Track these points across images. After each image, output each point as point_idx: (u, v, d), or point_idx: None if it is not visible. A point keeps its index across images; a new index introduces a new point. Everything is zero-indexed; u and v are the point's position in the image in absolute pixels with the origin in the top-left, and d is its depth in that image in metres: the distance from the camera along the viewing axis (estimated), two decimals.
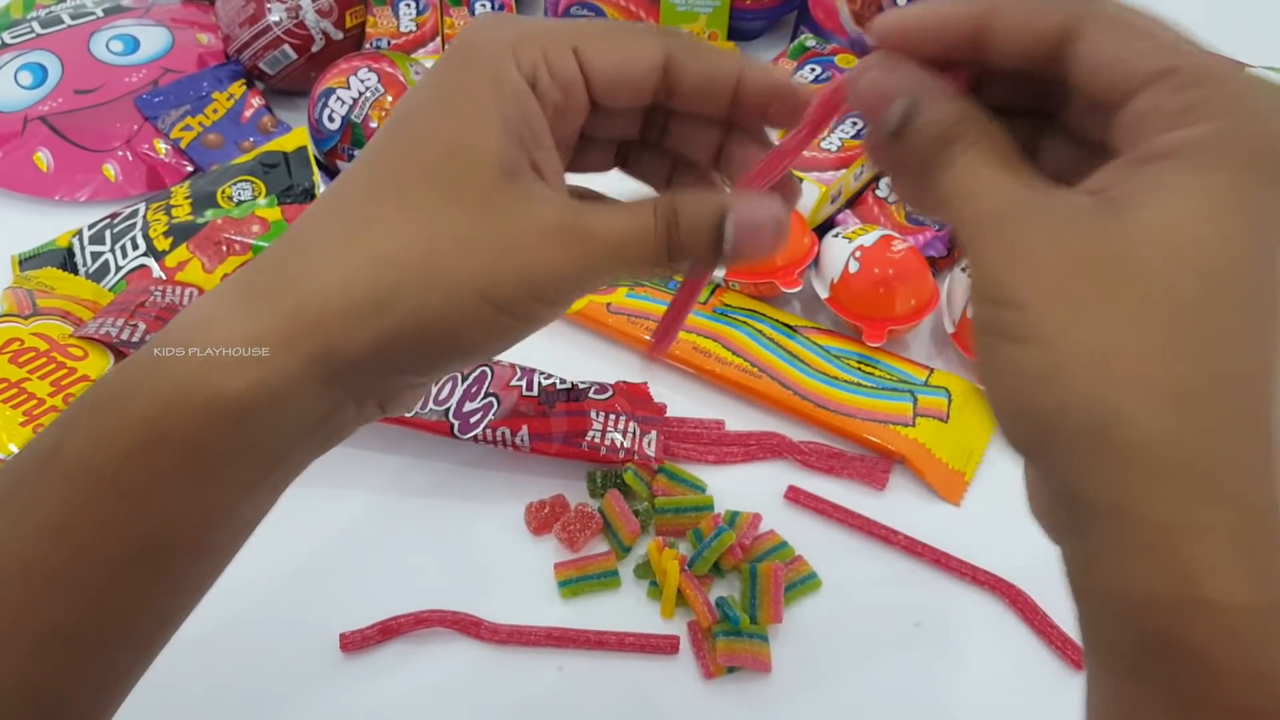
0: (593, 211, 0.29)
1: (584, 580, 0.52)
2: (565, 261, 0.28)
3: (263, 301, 0.27)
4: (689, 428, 0.60)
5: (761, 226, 0.29)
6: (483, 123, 0.27)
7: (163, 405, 0.26)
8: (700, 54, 0.30)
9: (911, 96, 0.27)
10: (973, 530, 0.55)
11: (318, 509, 0.55)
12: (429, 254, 0.27)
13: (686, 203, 0.29)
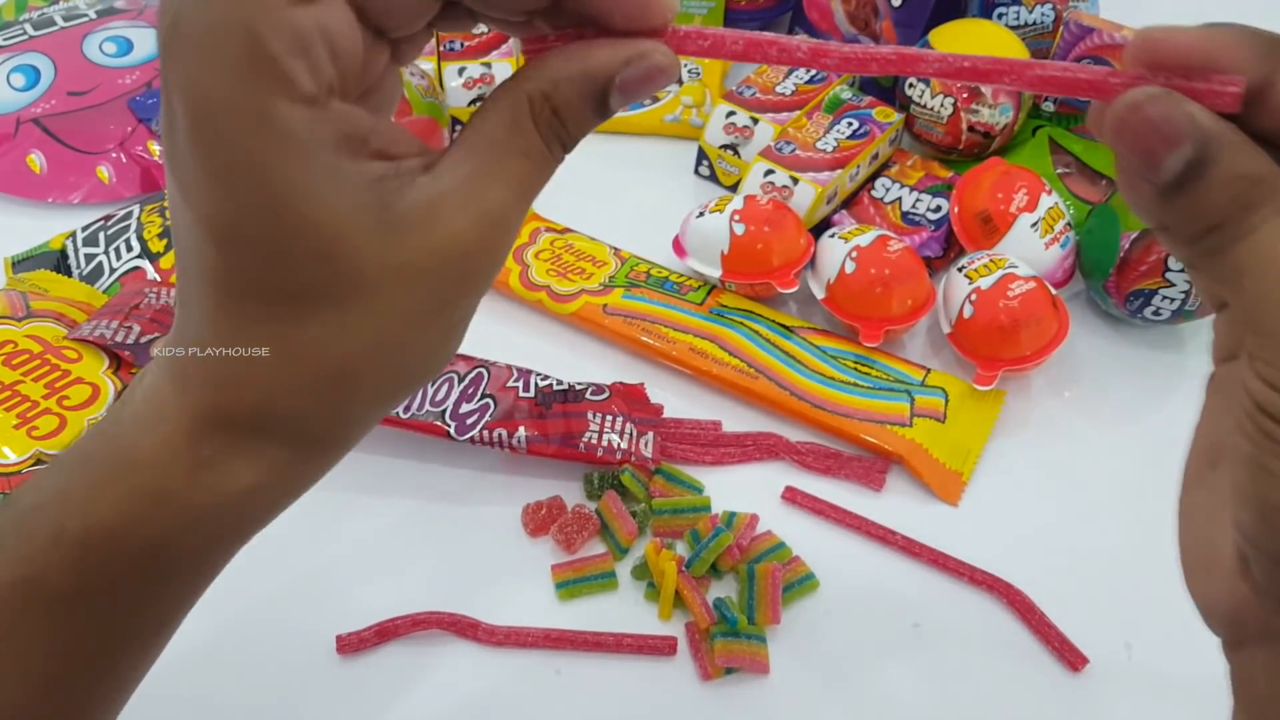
0: (463, 184, 0.24)
1: (581, 582, 0.52)
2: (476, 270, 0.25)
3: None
4: (686, 428, 0.59)
5: (650, 80, 0.26)
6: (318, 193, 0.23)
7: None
8: None
9: (1203, 141, 0.22)
10: (970, 530, 0.55)
11: (313, 511, 0.55)
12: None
13: (562, 91, 0.25)
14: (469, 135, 0.25)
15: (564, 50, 0.25)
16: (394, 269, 0.24)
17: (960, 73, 0.27)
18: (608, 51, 0.25)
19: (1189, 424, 0.61)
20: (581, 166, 0.76)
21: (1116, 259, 0.61)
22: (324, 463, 0.27)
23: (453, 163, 0.25)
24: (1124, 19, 0.74)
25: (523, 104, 0.25)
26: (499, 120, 0.25)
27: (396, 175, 0.24)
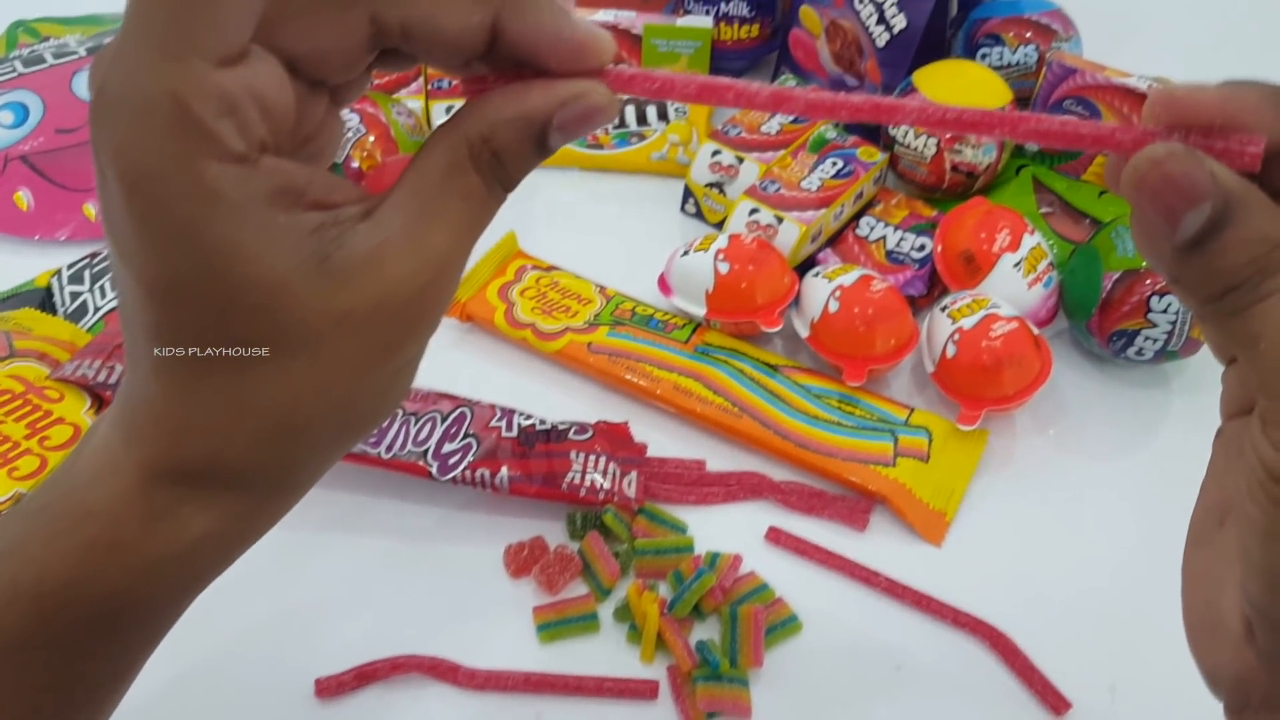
0: (394, 238, 0.24)
1: (563, 624, 0.52)
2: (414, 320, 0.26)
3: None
4: (670, 468, 0.59)
5: (589, 120, 0.26)
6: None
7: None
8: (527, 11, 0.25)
9: (1224, 200, 0.22)
10: (954, 571, 0.55)
11: (293, 551, 0.55)
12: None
13: (501, 134, 0.25)
14: (409, 179, 0.25)
15: (502, 91, 0.26)
16: (336, 318, 0.24)
17: (944, 123, 0.27)
18: (545, 92, 0.25)
19: (1174, 463, 0.61)
20: (568, 204, 0.77)
21: (1099, 299, 0.61)
22: (277, 509, 0.27)
23: (393, 208, 0.25)
24: (1107, 60, 0.75)
25: (461, 147, 0.25)
26: (438, 163, 0.25)
27: (335, 224, 0.24)
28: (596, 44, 0.25)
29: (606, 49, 0.26)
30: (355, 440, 0.27)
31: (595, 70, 0.26)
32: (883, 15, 0.76)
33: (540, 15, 0.25)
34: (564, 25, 0.25)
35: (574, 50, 0.25)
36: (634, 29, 0.82)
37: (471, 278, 0.67)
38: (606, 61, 0.26)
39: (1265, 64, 0.94)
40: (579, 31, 0.25)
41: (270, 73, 0.23)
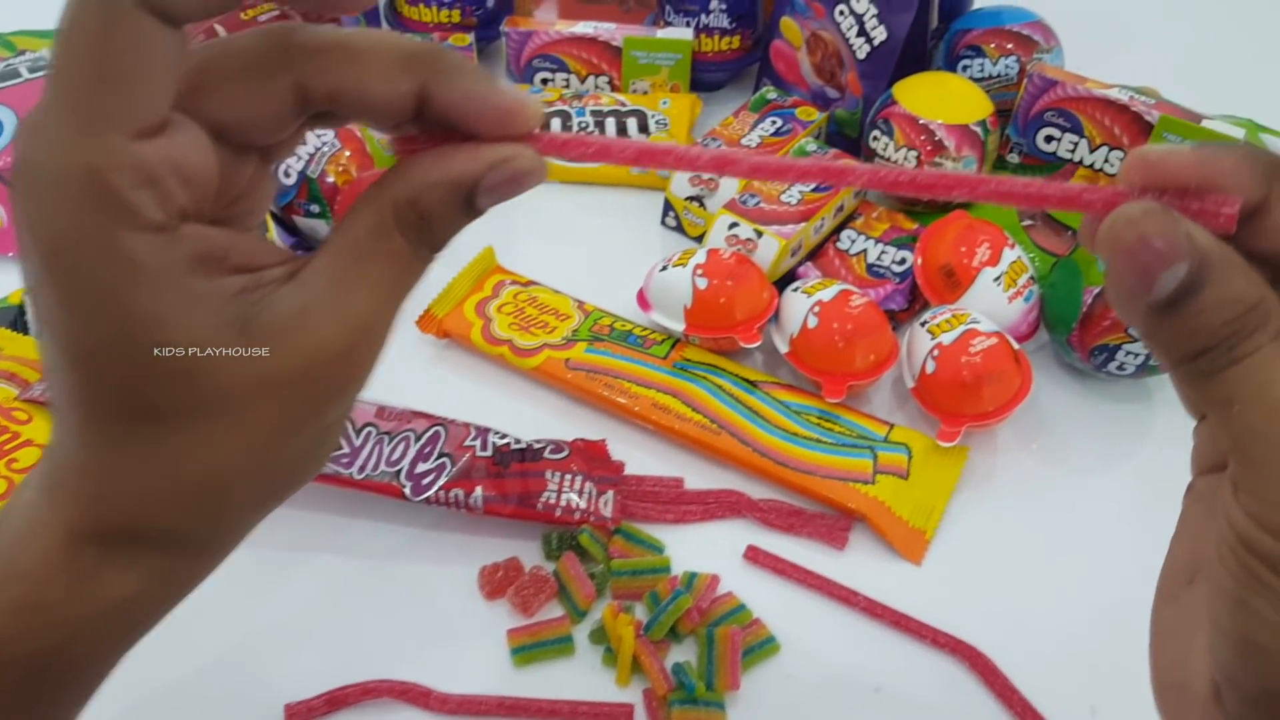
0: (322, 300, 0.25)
1: (538, 647, 0.51)
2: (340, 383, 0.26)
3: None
4: (647, 486, 0.59)
5: (517, 183, 0.26)
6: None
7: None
8: (455, 79, 0.25)
9: (1199, 261, 0.22)
10: (934, 590, 0.55)
11: (262, 573, 0.54)
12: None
13: (427, 197, 0.25)
14: (335, 241, 0.25)
15: (429, 154, 0.26)
16: (257, 382, 0.24)
17: (897, 185, 0.27)
18: (472, 156, 0.25)
19: (1156, 478, 0.61)
20: (548, 217, 0.76)
21: (1080, 313, 0.61)
22: (204, 568, 0.28)
23: (317, 270, 0.25)
24: (1088, 72, 0.74)
25: (387, 209, 0.25)
26: (364, 225, 0.25)
27: (258, 287, 0.24)
28: (523, 110, 0.26)
29: (534, 114, 0.26)
30: (283, 499, 0.28)
31: (524, 135, 0.26)
32: (863, 27, 0.75)
33: (467, 83, 0.25)
34: (491, 92, 0.25)
35: (501, 116, 0.25)
36: (614, 41, 0.81)
37: (448, 293, 0.67)
38: (534, 126, 0.26)
39: (1247, 74, 0.94)
40: (506, 98, 0.25)
41: (192, 141, 0.23)
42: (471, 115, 0.25)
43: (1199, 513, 0.27)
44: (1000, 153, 0.76)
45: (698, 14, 0.82)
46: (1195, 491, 0.28)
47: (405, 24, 0.86)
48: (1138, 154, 0.24)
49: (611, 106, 0.80)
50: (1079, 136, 0.72)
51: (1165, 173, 0.23)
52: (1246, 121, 0.86)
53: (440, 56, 0.25)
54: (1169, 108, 0.70)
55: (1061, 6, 0.85)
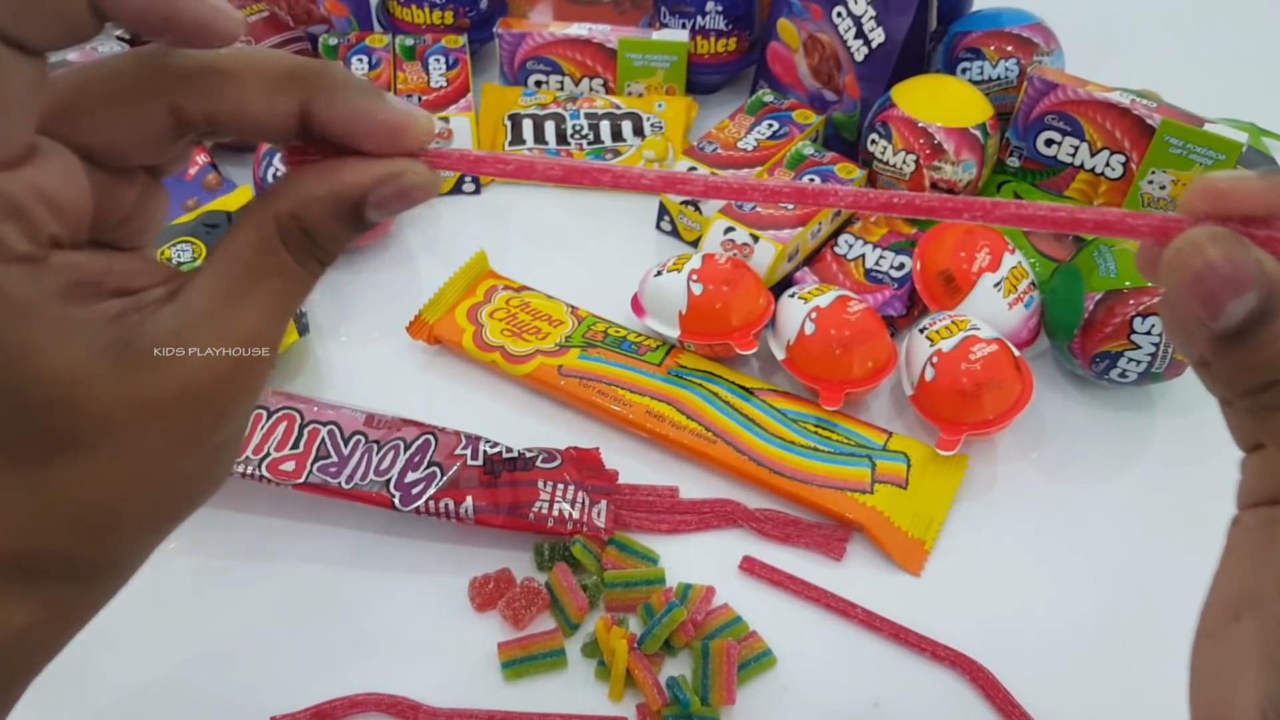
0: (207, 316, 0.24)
1: (529, 660, 0.50)
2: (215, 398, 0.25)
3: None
4: (641, 495, 0.58)
5: (406, 198, 0.25)
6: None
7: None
8: (337, 99, 0.24)
9: (1270, 290, 0.21)
10: (933, 602, 0.54)
11: (250, 583, 0.53)
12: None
13: (312, 211, 0.25)
14: (218, 257, 0.25)
15: (314, 168, 0.25)
16: (139, 407, 0.23)
17: (889, 207, 0.26)
18: (359, 171, 0.25)
19: (1159, 487, 0.60)
20: (541, 220, 0.75)
21: (1081, 320, 0.60)
22: (102, 594, 0.27)
23: (199, 289, 0.24)
24: (1089, 74, 0.73)
25: (270, 224, 0.25)
26: (247, 241, 0.25)
27: (138, 309, 0.24)
28: (413, 125, 0.25)
29: (424, 130, 0.25)
30: (182, 517, 0.27)
31: (415, 151, 0.25)
32: (861, 29, 0.74)
33: (351, 100, 0.24)
34: (378, 108, 0.24)
35: (390, 133, 0.25)
36: (609, 43, 0.80)
37: (440, 299, 0.66)
38: (426, 142, 0.25)
39: (1248, 77, 0.93)
40: (394, 114, 0.25)
41: (62, 168, 0.23)
42: (358, 133, 0.24)
43: (1248, 547, 0.26)
44: (1000, 156, 0.75)
45: (693, 16, 0.81)
46: (1243, 525, 0.26)
47: (398, 25, 0.85)
48: (1204, 181, 0.23)
49: (606, 109, 0.79)
50: (1080, 140, 0.72)
51: (1233, 201, 0.22)
52: (1249, 125, 0.85)
53: (322, 74, 0.24)
54: (1170, 111, 0.69)
55: (1062, 9, 0.84)
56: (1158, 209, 0.71)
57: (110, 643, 0.51)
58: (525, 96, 0.81)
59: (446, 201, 0.76)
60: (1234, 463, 0.27)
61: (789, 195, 0.26)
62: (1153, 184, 0.70)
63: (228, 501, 0.56)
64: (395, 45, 0.81)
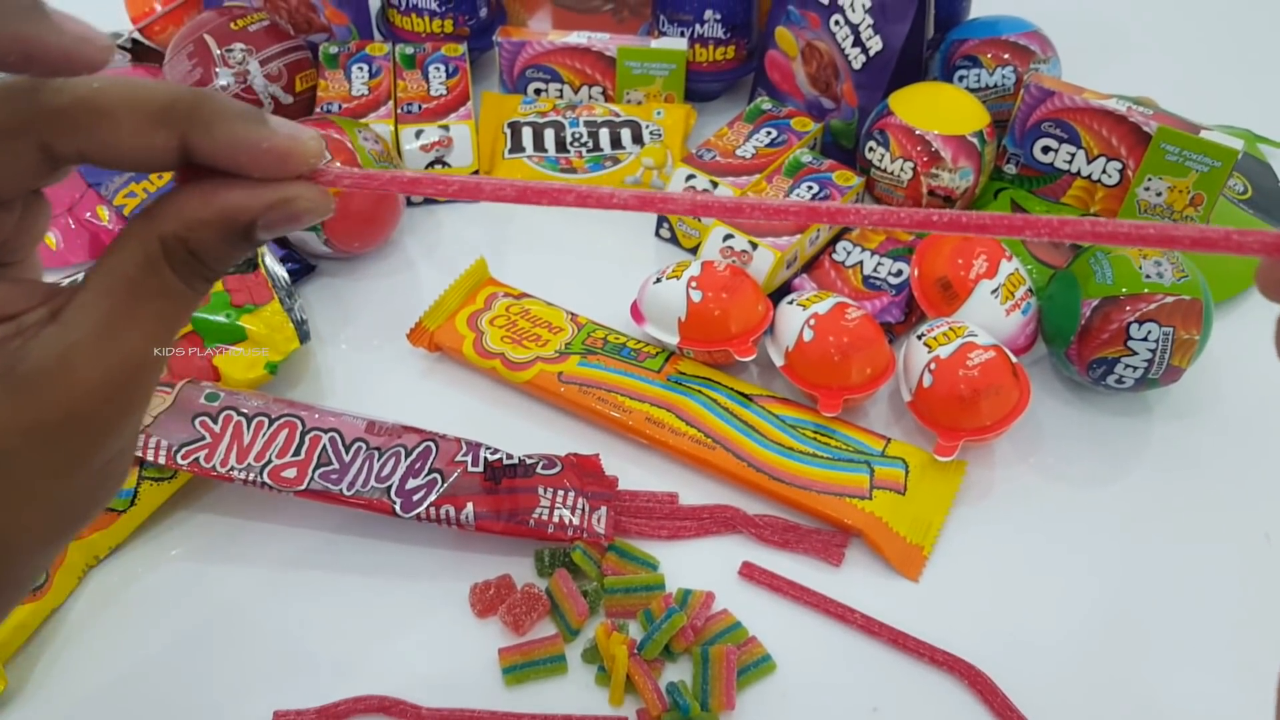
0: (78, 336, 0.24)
1: (530, 666, 0.50)
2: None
3: None
4: (641, 501, 0.58)
5: (297, 220, 0.25)
6: None
7: None
8: (214, 128, 0.24)
9: None
10: (931, 607, 0.54)
11: (252, 589, 0.53)
12: None
13: (198, 233, 0.24)
14: (100, 277, 0.24)
15: (200, 187, 0.25)
16: (24, 431, 0.23)
17: (929, 225, 0.26)
18: (248, 194, 0.24)
19: (1156, 492, 0.61)
20: (541, 228, 0.76)
21: (1078, 326, 0.60)
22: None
23: (81, 309, 0.24)
24: (1085, 82, 0.74)
25: (154, 244, 0.24)
26: (131, 260, 0.24)
27: (18, 334, 0.24)
28: (299, 149, 0.24)
29: (311, 152, 0.25)
30: (71, 536, 0.27)
31: (304, 173, 0.25)
32: (859, 37, 0.75)
33: (231, 129, 0.24)
34: (261, 135, 0.24)
35: (275, 160, 0.24)
36: (608, 51, 0.81)
37: (440, 306, 0.66)
38: (314, 165, 0.25)
39: (1244, 84, 0.93)
40: (278, 140, 0.24)
41: None
42: (243, 162, 0.24)
43: None
44: (997, 163, 0.76)
45: (692, 24, 0.82)
46: None
47: (398, 34, 0.86)
48: None
49: (605, 117, 0.79)
50: (1076, 147, 0.72)
51: None
52: (1244, 132, 0.85)
53: (200, 105, 0.24)
54: (1167, 118, 0.69)
55: (1058, 16, 0.84)
56: (1155, 216, 0.71)
57: (114, 646, 0.51)
58: (525, 104, 0.81)
59: (446, 209, 0.77)
60: (1228, 469, 0.27)
61: (774, 212, 0.26)
62: (1149, 191, 0.71)
63: (230, 508, 0.57)
64: (395, 53, 0.81)
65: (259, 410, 0.56)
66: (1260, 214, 0.78)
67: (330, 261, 0.72)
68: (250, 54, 0.74)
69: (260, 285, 0.62)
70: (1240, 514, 0.59)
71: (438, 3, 0.83)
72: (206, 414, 0.55)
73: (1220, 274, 0.69)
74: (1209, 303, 0.59)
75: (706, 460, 0.59)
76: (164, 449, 0.53)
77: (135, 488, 0.54)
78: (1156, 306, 0.58)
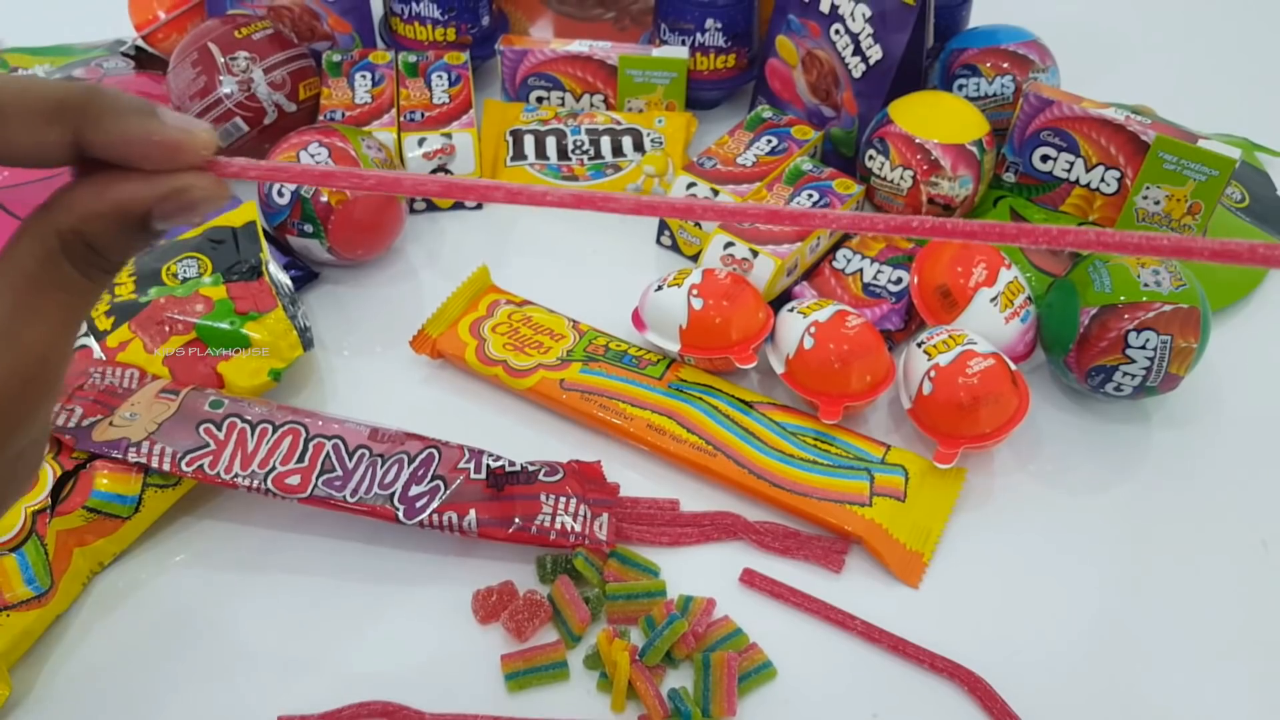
0: None
1: (532, 672, 0.50)
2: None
3: None
4: (643, 508, 0.58)
5: (192, 209, 0.26)
6: None
7: None
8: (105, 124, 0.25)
9: None
10: (931, 614, 0.54)
11: (255, 595, 0.54)
12: None
13: (93, 226, 0.25)
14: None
15: (94, 180, 0.25)
16: None
17: (995, 235, 0.26)
18: (142, 185, 0.25)
19: (1154, 499, 0.61)
20: (543, 235, 0.76)
21: (1077, 334, 0.60)
22: None
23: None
24: (1084, 91, 0.74)
25: (52, 239, 0.25)
26: (30, 255, 0.25)
27: None
28: (190, 142, 0.25)
29: (203, 143, 0.25)
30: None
31: (197, 164, 0.26)
32: (859, 46, 0.75)
33: (123, 123, 0.24)
34: (152, 129, 0.25)
35: (166, 152, 0.25)
36: (609, 59, 0.81)
37: (443, 313, 0.66)
38: (205, 156, 0.26)
39: (1242, 93, 0.94)
40: (169, 133, 0.25)
41: None
42: (135, 155, 0.25)
43: None
44: (996, 172, 0.76)
45: (693, 32, 0.82)
46: None
47: (400, 42, 0.86)
48: None
49: (607, 125, 0.80)
50: (1075, 156, 0.72)
51: None
52: (1242, 140, 0.86)
53: (91, 101, 0.24)
54: (1165, 127, 0.70)
55: (1057, 26, 0.85)
56: (1153, 224, 0.72)
57: (118, 652, 0.51)
58: (527, 112, 0.82)
59: (449, 216, 0.77)
60: (1226, 476, 0.28)
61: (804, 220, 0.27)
62: (1147, 199, 0.71)
63: (234, 514, 0.57)
64: (398, 62, 0.82)
65: (263, 417, 0.56)
66: (1258, 222, 0.78)
67: (333, 269, 0.72)
68: (254, 62, 0.75)
69: (264, 293, 0.62)
70: (1238, 521, 0.59)
71: (440, 11, 0.83)
72: (211, 421, 0.55)
73: (1217, 283, 0.70)
74: (1206, 311, 0.60)
75: (707, 467, 0.59)
76: (169, 456, 0.54)
77: (140, 494, 0.54)
78: (1155, 315, 0.58)
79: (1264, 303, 0.74)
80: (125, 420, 0.55)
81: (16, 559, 0.50)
